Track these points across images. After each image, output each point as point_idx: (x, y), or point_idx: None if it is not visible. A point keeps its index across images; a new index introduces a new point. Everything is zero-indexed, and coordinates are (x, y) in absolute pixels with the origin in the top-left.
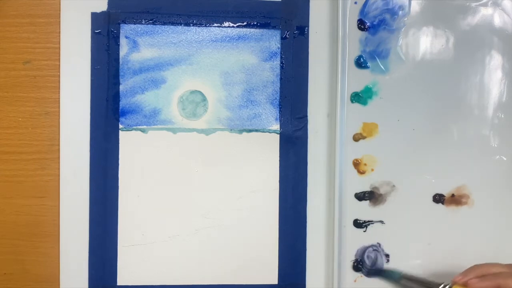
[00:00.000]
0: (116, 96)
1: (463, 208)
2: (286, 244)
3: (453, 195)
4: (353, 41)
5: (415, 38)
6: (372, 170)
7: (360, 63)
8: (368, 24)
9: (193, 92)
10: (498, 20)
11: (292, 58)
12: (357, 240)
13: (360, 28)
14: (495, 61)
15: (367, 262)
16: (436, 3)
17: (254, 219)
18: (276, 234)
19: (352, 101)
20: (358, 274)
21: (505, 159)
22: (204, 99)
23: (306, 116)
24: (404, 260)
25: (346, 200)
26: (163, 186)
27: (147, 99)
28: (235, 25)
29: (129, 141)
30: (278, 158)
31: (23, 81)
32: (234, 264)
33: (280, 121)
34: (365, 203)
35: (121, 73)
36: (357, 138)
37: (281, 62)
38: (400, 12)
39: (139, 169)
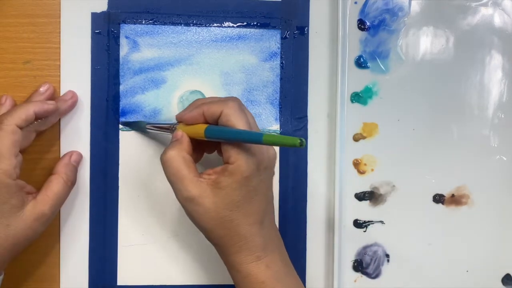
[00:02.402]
0: (116, 96)
1: (463, 208)
2: (286, 244)
3: (453, 195)
4: (353, 41)
5: (415, 38)
6: (372, 170)
7: (360, 63)
8: (368, 24)
9: (193, 92)
10: (498, 20)
11: (292, 58)
12: (357, 240)
13: (360, 28)
14: (495, 61)
15: (367, 260)
16: (436, 3)
17: None
18: None
19: (352, 101)
20: (358, 274)
21: (505, 159)
22: None
23: (306, 116)
24: (404, 260)
25: (346, 200)
26: (163, 186)
27: (147, 99)
28: (235, 25)
29: (129, 141)
30: (278, 158)
31: (23, 81)
32: None
33: (280, 121)
34: (365, 203)
35: (121, 73)
36: (357, 138)
37: (281, 62)
38: (400, 12)
39: (139, 169)
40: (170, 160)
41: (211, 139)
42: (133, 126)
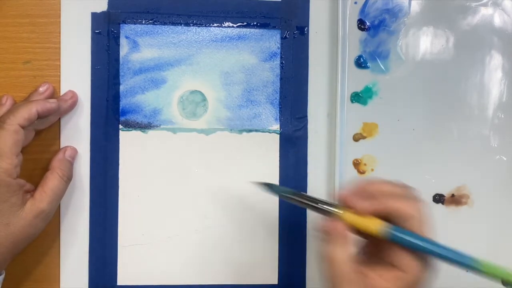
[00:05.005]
0: (116, 96)
1: (463, 208)
2: (286, 244)
3: (453, 195)
4: (353, 41)
5: (415, 38)
6: (372, 170)
7: (360, 63)
8: (368, 24)
9: (193, 92)
10: (498, 20)
11: (292, 58)
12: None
13: (360, 28)
14: (495, 61)
15: None
16: (436, 3)
17: (254, 219)
18: (276, 234)
19: (352, 101)
20: None
21: (505, 159)
22: (204, 99)
23: (306, 116)
24: None
25: None
26: (163, 186)
27: (147, 99)
28: (235, 25)
29: (129, 141)
30: (278, 158)
31: (23, 81)
32: (234, 264)
33: (280, 121)
34: None
35: (121, 73)
36: (357, 138)
37: (281, 62)
38: (400, 13)
39: (139, 169)
40: (338, 264)
41: (393, 242)
42: (271, 188)
